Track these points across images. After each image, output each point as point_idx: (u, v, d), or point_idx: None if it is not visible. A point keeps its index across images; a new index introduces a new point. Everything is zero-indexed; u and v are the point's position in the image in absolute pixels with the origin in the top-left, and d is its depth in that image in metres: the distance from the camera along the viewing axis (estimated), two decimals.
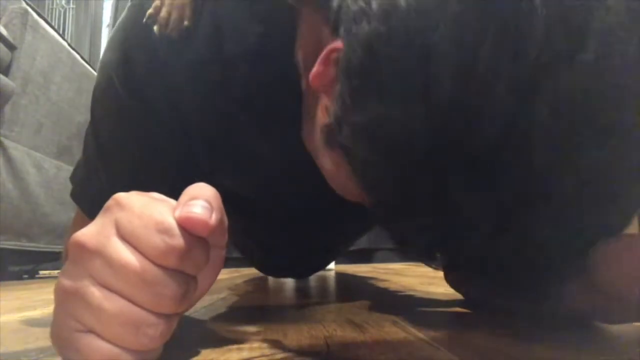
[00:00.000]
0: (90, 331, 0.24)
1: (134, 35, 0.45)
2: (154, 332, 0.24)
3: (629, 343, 0.34)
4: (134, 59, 0.44)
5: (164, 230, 0.24)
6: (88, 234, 0.25)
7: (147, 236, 0.24)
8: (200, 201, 0.25)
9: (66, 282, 0.25)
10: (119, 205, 0.25)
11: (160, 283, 0.24)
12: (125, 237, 0.24)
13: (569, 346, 0.32)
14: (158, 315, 0.24)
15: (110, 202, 0.26)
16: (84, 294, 0.24)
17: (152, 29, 0.43)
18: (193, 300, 0.31)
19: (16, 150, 1.62)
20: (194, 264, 0.26)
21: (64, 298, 0.25)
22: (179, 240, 0.24)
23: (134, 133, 0.48)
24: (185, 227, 0.25)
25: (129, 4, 0.47)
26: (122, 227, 0.25)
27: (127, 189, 0.28)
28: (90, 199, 0.54)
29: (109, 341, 0.24)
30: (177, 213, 0.25)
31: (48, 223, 1.77)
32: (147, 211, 0.25)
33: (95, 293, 0.24)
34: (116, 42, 0.46)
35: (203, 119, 0.46)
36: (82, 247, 0.25)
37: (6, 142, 1.57)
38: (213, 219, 0.25)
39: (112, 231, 0.25)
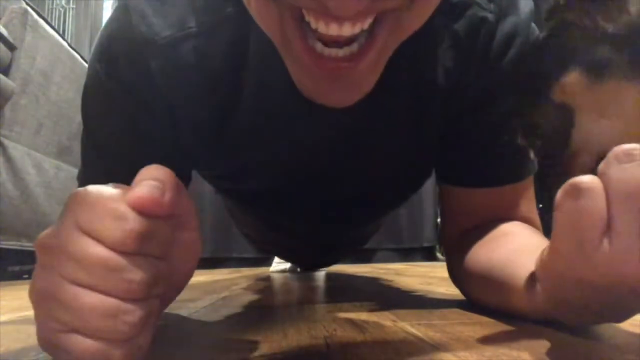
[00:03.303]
0: (73, 330, 0.24)
1: (116, 28, 0.46)
2: (132, 319, 0.24)
3: (628, 343, 0.34)
4: (116, 48, 0.46)
5: (118, 216, 0.24)
6: (50, 234, 0.25)
7: (104, 225, 0.24)
8: (148, 181, 0.25)
9: (38, 286, 0.25)
10: (75, 200, 0.25)
11: (125, 269, 0.24)
12: (84, 231, 0.24)
13: (570, 346, 0.32)
14: (132, 301, 0.24)
15: (68, 198, 0.26)
16: (56, 294, 0.24)
17: (133, 22, 0.44)
18: (175, 285, 0.31)
19: (16, 150, 1.62)
20: (157, 245, 0.25)
21: (39, 301, 0.25)
22: (133, 224, 0.24)
23: (123, 124, 0.48)
24: (137, 208, 0.24)
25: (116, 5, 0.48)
26: (79, 221, 0.25)
27: (122, 182, 0.28)
28: None
29: (92, 337, 0.24)
30: (127, 196, 0.25)
31: (48, 223, 1.76)
32: (101, 201, 0.25)
33: (67, 291, 0.24)
34: (101, 37, 0.48)
35: (187, 100, 0.47)
36: (46, 248, 0.25)
37: (6, 142, 1.57)
38: (166, 197, 0.25)
39: (72, 227, 0.25)
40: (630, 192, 0.23)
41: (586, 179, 0.25)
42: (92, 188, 0.26)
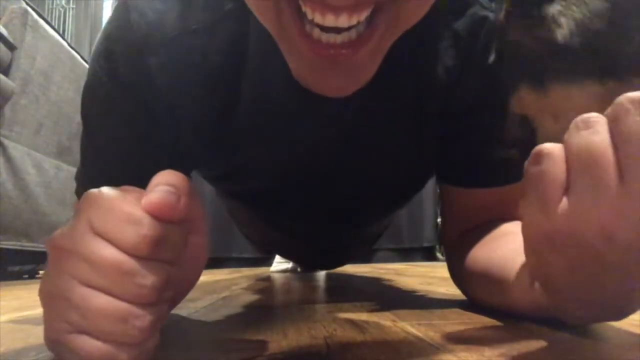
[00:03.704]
0: (81, 331, 0.24)
1: (115, 27, 0.46)
2: (142, 324, 0.24)
3: (627, 343, 0.34)
4: (115, 47, 0.46)
5: (134, 221, 0.24)
6: (63, 234, 0.25)
7: (119, 228, 0.24)
8: (163, 186, 0.25)
9: (48, 285, 0.25)
10: (90, 202, 0.25)
11: (138, 274, 0.24)
12: (98, 233, 0.24)
13: (569, 345, 0.32)
14: (143, 306, 0.24)
15: (82, 200, 0.26)
16: (67, 295, 0.24)
17: (133, 21, 0.44)
18: (183, 289, 0.31)
19: (16, 150, 1.62)
20: (170, 250, 0.25)
21: (49, 301, 0.25)
22: (149, 229, 0.24)
23: (123, 124, 0.48)
24: (152, 213, 0.24)
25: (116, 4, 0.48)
26: (94, 223, 0.25)
27: (121, 182, 0.28)
28: None
29: (100, 339, 0.24)
30: (142, 201, 0.25)
31: (48, 223, 1.77)
32: (116, 204, 0.25)
33: (78, 292, 0.24)
34: (101, 37, 0.48)
35: (187, 98, 0.47)
36: (58, 248, 0.25)
37: (6, 142, 1.57)
38: (181, 202, 0.25)
39: (86, 228, 0.25)
40: (585, 155, 0.25)
41: (547, 146, 0.27)
42: (107, 190, 0.26)
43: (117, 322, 0.24)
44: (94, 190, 0.26)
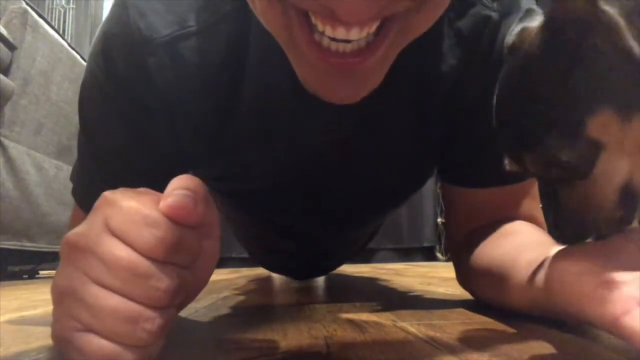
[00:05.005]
0: (89, 330, 0.24)
1: (114, 26, 0.46)
2: (152, 326, 0.24)
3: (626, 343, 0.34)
4: (114, 46, 0.46)
5: (152, 223, 0.24)
6: (79, 233, 0.25)
7: (136, 230, 0.24)
8: (182, 190, 0.25)
9: (61, 282, 0.25)
10: (107, 202, 0.26)
11: (153, 276, 0.24)
12: (114, 233, 0.24)
13: (570, 346, 0.32)
14: (154, 309, 0.24)
15: (99, 200, 0.26)
16: (79, 293, 0.24)
17: (132, 20, 0.44)
18: (191, 293, 0.31)
19: (16, 150, 1.62)
20: (185, 255, 0.26)
21: (60, 298, 0.25)
22: (166, 232, 0.24)
23: (120, 124, 0.48)
24: (170, 217, 0.25)
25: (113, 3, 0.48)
26: (111, 223, 0.25)
27: (119, 182, 0.28)
28: (86, 196, 0.54)
29: (108, 339, 0.24)
30: (161, 204, 0.25)
31: (48, 223, 1.77)
32: (134, 206, 0.25)
33: (90, 291, 0.24)
34: (99, 35, 0.48)
35: (186, 99, 0.46)
36: (74, 247, 0.25)
37: (6, 142, 1.57)
38: (198, 207, 0.25)
39: (102, 228, 0.25)
40: None
41: None
42: (124, 192, 0.26)
43: (127, 323, 0.24)
44: (112, 192, 0.26)
